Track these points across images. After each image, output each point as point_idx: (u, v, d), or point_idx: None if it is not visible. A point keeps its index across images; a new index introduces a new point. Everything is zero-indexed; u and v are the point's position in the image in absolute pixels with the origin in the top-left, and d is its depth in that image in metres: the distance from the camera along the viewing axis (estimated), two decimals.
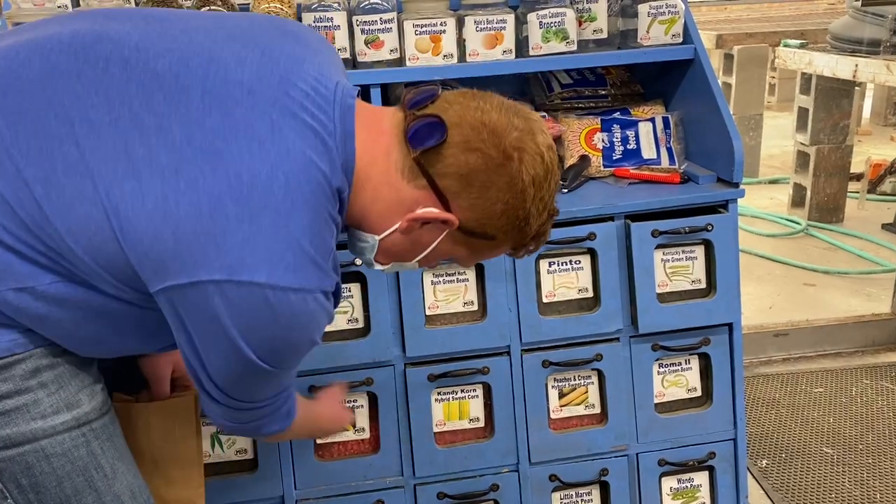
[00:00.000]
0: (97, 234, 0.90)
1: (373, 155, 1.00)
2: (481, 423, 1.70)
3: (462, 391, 1.69)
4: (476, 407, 1.70)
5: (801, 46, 3.85)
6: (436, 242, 1.05)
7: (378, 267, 1.11)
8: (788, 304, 3.23)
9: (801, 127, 4.13)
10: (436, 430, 1.69)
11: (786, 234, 4.02)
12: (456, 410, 1.69)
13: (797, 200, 4.23)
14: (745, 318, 3.10)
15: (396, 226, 1.03)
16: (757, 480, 2.18)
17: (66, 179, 0.90)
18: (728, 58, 4.89)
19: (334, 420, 1.41)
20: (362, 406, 1.70)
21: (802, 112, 4.10)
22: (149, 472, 1.21)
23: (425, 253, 1.07)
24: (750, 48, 4.76)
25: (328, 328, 1.64)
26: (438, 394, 1.68)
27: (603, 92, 2.03)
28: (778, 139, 5.67)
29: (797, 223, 4.09)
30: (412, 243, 1.06)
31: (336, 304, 1.03)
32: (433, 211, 1.01)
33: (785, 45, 3.93)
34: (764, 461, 2.27)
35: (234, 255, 0.88)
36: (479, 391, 1.69)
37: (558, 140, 1.93)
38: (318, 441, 1.69)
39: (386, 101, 1.97)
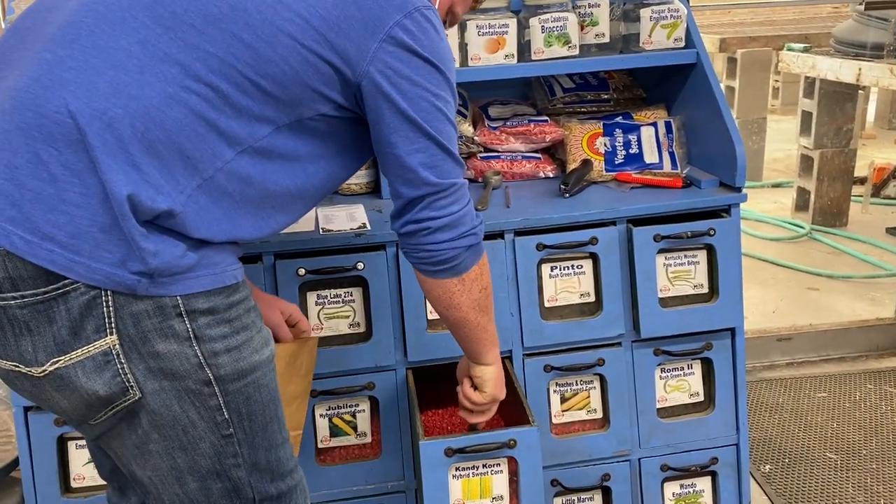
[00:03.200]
0: (303, 47, 1.04)
1: None
2: None
3: None
4: None
5: (805, 50, 3.84)
6: None
7: None
8: (792, 309, 3.22)
9: (805, 131, 4.12)
10: None
11: (789, 238, 4.01)
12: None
13: (801, 204, 4.22)
14: (749, 323, 3.09)
15: None
16: (760, 485, 2.18)
17: (260, 16, 1.03)
18: (731, 61, 4.89)
19: None
20: (364, 410, 1.70)
21: (806, 116, 4.10)
22: None
23: (437, 3, 1.27)
24: (753, 52, 4.76)
25: (330, 332, 1.65)
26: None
27: (605, 96, 2.04)
28: (781, 143, 5.66)
29: (801, 227, 4.08)
30: None
31: None
32: None
33: (789, 49, 3.93)
34: (767, 466, 2.26)
35: None
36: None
37: (559, 144, 1.94)
38: (320, 446, 1.69)
39: None
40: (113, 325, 0.99)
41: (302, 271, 1.59)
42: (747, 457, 1.81)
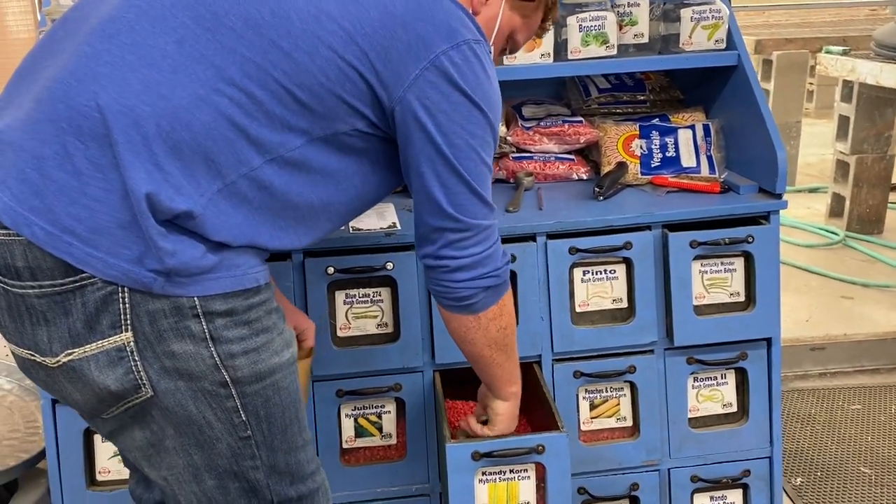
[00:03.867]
0: (342, 60, 1.03)
1: None
2: None
3: None
4: None
5: (844, 53, 3.76)
6: (500, 12, 1.25)
7: None
8: (825, 318, 3.14)
9: (842, 136, 4.03)
10: None
11: (823, 245, 3.93)
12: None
13: (835, 210, 4.14)
14: (782, 332, 3.04)
15: (470, 12, 1.18)
16: (791, 499, 2.13)
17: (302, 25, 1.02)
18: (767, 63, 4.80)
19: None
20: (390, 412, 1.68)
21: (843, 120, 4.01)
22: None
23: (496, 29, 1.26)
24: (789, 54, 4.67)
25: (357, 332, 1.63)
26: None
27: (641, 97, 2.00)
28: (816, 147, 5.55)
29: (835, 234, 3.99)
30: (485, 24, 1.22)
31: None
32: None
33: (827, 52, 3.85)
34: (798, 479, 2.21)
35: (446, 26, 1.08)
36: None
37: (593, 146, 1.90)
38: (345, 446, 1.67)
39: None
40: (128, 321, 0.99)
41: (331, 270, 1.58)
42: (780, 470, 1.77)
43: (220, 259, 1.02)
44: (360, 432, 1.68)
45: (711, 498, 1.78)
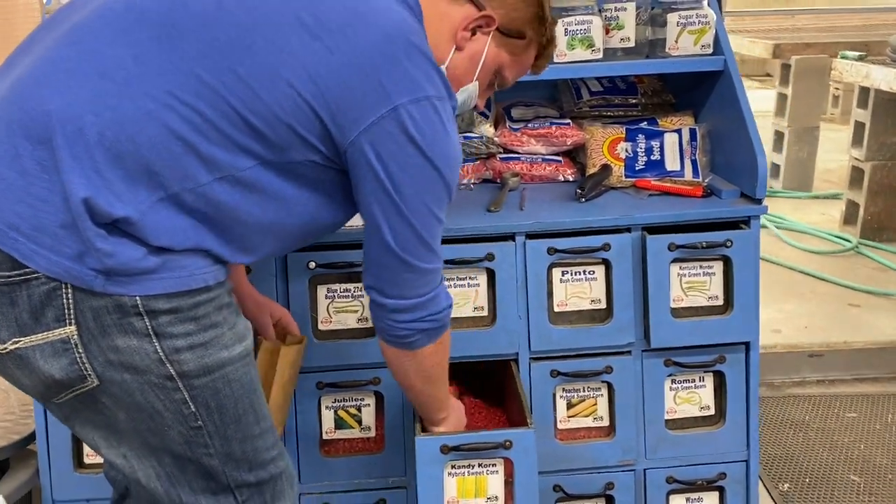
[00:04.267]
0: (299, 97, 1.05)
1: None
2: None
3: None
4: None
5: (860, 59, 3.72)
6: (486, 48, 1.24)
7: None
8: (829, 324, 3.13)
9: (857, 142, 3.99)
10: None
11: (834, 252, 3.90)
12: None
13: (849, 217, 4.10)
14: (781, 337, 3.03)
15: (454, 48, 1.22)
16: None
17: (264, 57, 1.05)
18: (786, 68, 4.76)
19: (458, 409, 1.49)
20: (369, 405, 1.72)
21: (859, 126, 3.97)
22: None
23: (480, 65, 1.26)
24: (808, 59, 4.62)
25: (339, 326, 1.67)
26: None
27: (633, 101, 2.01)
28: (837, 153, 5.47)
29: (847, 241, 3.95)
30: (469, 59, 1.25)
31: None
32: (475, 12, 1.22)
33: (843, 57, 3.81)
34: (786, 485, 2.21)
35: (409, 80, 1.09)
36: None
37: (580, 148, 1.92)
38: (325, 437, 1.71)
39: None
40: (72, 316, 1.03)
41: (312, 264, 1.62)
42: (757, 474, 1.78)
43: (163, 261, 1.05)
44: (339, 424, 1.72)
45: (687, 499, 1.79)
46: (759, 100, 7.03)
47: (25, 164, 1.00)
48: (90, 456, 1.68)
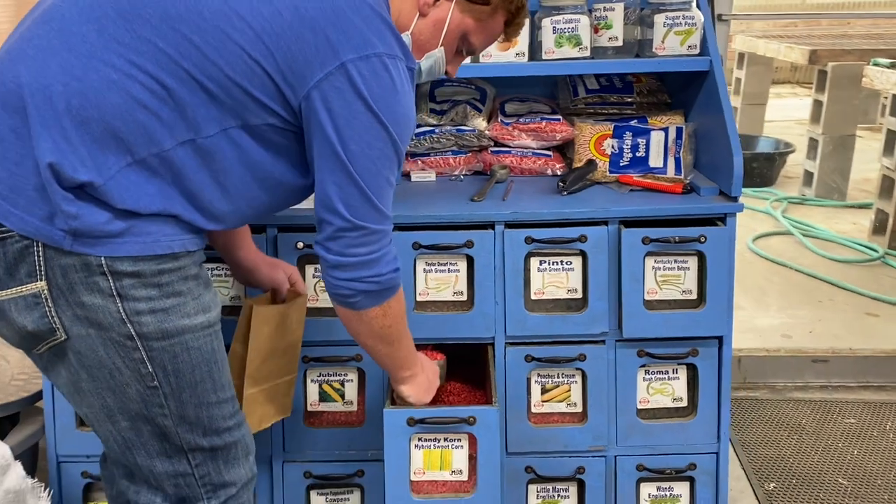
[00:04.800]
0: (249, 58, 1.12)
1: None
2: None
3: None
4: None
5: (892, 66, 3.67)
6: (450, 14, 1.29)
7: (416, 67, 1.29)
8: (841, 332, 3.10)
9: (889, 151, 3.94)
10: None
11: (860, 261, 3.85)
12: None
13: (878, 227, 4.04)
14: (789, 341, 3.02)
15: (417, 14, 1.27)
16: (759, 502, 2.15)
17: (213, 22, 1.12)
18: (822, 74, 4.70)
19: (430, 370, 1.52)
20: (352, 380, 1.81)
21: (891, 135, 3.92)
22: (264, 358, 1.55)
23: (444, 31, 1.30)
24: (845, 65, 4.56)
25: (324, 304, 1.76)
26: None
27: (629, 99, 2.06)
28: (877, 162, 5.38)
29: (874, 251, 3.90)
30: (433, 25, 1.30)
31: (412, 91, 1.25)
32: None
33: (874, 64, 3.77)
34: (772, 484, 2.22)
35: (359, 35, 1.15)
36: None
37: (568, 144, 1.98)
38: (309, 409, 1.81)
39: None
40: (43, 272, 1.13)
41: (301, 245, 1.72)
42: (727, 466, 1.81)
43: (128, 226, 1.13)
44: (323, 397, 1.81)
45: (658, 488, 1.84)
46: (799, 108, 6.94)
47: (2, 132, 1.11)
48: None
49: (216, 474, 1.29)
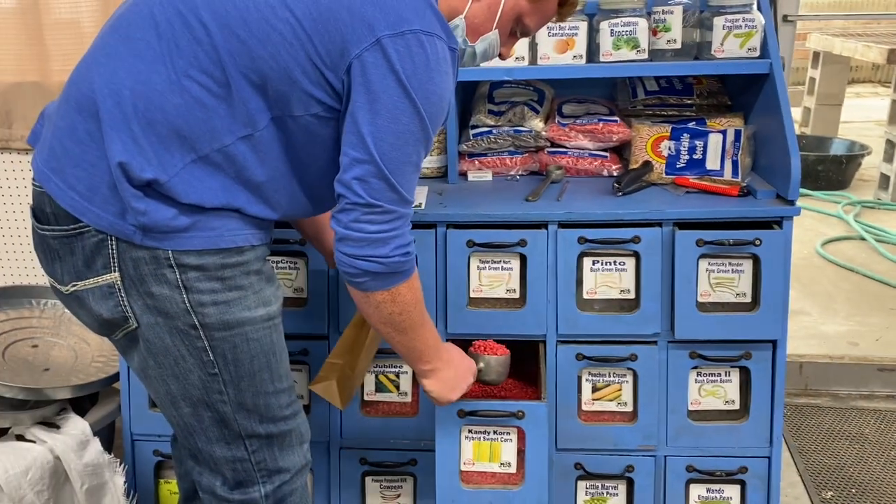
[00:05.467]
0: (291, 45, 1.16)
1: None
2: None
3: None
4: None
5: None
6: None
7: (471, 50, 1.33)
8: None
9: None
10: None
11: None
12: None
13: None
14: (856, 349, 2.95)
15: None
16: None
17: (257, 14, 1.17)
18: None
19: (462, 367, 1.49)
20: (407, 372, 1.87)
21: None
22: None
23: (499, 14, 1.31)
24: None
25: None
26: None
27: (688, 101, 2.06)
28: None
29: None
30: (488, 8, 1.31)
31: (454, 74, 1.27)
32: None
33: None
34: (829, 493, 2.19)
35: (394, 12, 1.17)
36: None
37: (625, 145, 1.99)
38: (366, 399, 1.87)
39: (467, 99, 2.12)
40: (116, 264, 1.22)
41: None
42: (779, 471, 1.80)
43: (193, 221, 1.20)
44: (379, 388, 1.88)
45: (708, 490, 1.84)
46: (879, 109, 6.67)
47: (80, 135, 1.20)
48: None
49: (271, 460, 1.36)
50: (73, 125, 1.21)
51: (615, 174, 1.98)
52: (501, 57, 1.41)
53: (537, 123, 2.00)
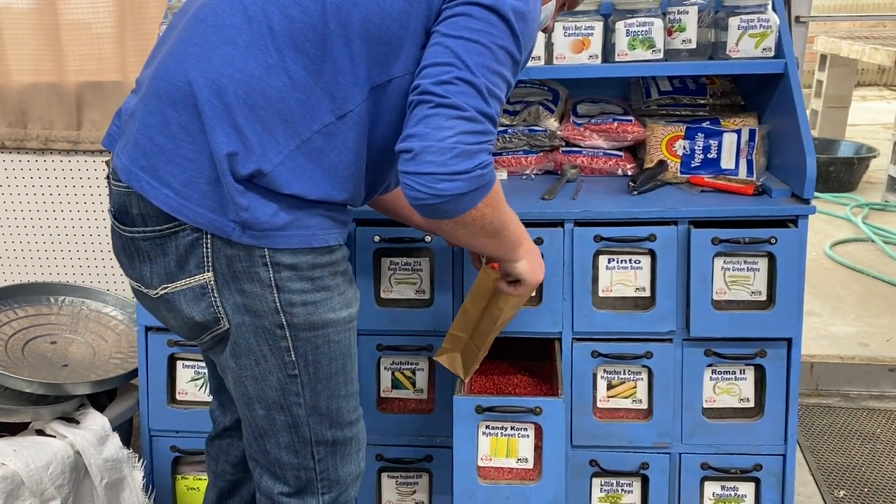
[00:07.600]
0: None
1: None
2: None
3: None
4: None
5: None
6: None
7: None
8: None
9: None
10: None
11: None
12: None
13: None
14: (865, 349, 2.96)
15: None
16: None
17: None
18: None
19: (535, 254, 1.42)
20: (423, 369, 1.88)
21: None
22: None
23: None
24: None
25: (398, 296, 1.84)
26: None
27: (702, 101, 2.07)
28: None
29: None
30: None
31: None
32: None
33: None
34: (842, 492, 2.20)
35: None
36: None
37: (640, 144, 2.01)
38: (382, 395, 1.89)
39: None
40: (210, 263, 1.19)
41: (377, 238, 1.80)
42: (794, 469, 1.81)
43: (291, 219, 1.17)
44: (395, 384, 1.89)
45: (723, 487, 1.85)
46: (886, 111, 6.68)
47: (173, 130, 1.16)
48: (182, 393, 1.94)
49: (333, 470, 1.35)
50: (166, 120, 1.17)
51: (630, 173, 1.99)
52: (546, 31, 1.43)
53: (552, 123, 2.01)
